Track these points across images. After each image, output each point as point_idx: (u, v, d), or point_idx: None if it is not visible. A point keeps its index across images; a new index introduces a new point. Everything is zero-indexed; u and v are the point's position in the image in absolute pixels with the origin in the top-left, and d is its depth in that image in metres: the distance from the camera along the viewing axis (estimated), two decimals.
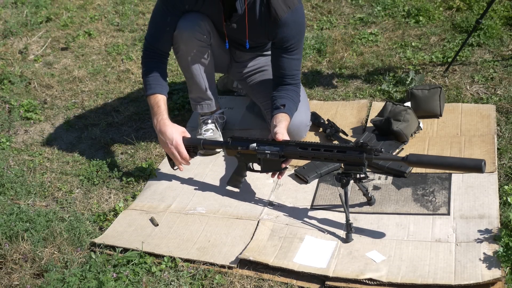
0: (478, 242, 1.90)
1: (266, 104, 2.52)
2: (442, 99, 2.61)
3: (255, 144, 2.20)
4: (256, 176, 2.38)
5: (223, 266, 1.97)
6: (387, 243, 1.97)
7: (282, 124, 2.22)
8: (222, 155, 2.60)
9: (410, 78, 2.86)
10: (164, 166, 2.56)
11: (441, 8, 3.68)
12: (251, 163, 2.27)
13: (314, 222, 2.12)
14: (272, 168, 2.21)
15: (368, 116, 2.73)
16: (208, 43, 2.45)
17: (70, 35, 3.94)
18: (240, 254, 1.99)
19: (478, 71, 2.97)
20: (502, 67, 2.97)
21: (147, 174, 2.53)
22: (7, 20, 4.12)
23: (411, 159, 1.87)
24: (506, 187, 2.12)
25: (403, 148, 2.45)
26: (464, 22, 3.42)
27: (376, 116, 2.57)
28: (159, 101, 2.36)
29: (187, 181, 2.47)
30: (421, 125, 2.54)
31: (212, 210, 2.27)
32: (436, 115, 2.62)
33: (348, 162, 2.00)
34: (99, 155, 2.73)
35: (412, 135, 2.51)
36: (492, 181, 2.16)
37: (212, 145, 2.39)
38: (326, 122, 2.64)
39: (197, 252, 2.04)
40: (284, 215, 2.19)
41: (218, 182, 2.44)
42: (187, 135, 2.36)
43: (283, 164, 2.18)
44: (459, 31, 3.41)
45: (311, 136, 2.63)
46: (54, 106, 3.18)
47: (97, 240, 2.12)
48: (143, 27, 3.99)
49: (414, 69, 3.09)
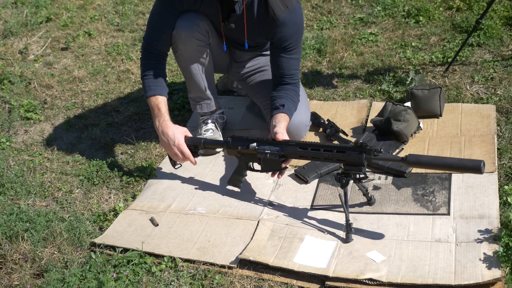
0: (478, 242, 1.89)
1: (266, 104, 2.52)
2: (442, 99, 2.61)
3: (255, 144, 2.20)
4: (256, 176, 2.38)
5: (223, 266, 1.97)
6: (387, 243, 1.97)
7: (281, 124, 2.23)
8: (222, 155, 2.60)
9: (410, 78, 2.86)
10: (165, 166, 2.56)
11: (441, 8, 3.68)
12: (251, 163, 2.28)
13: (314, 222, 2.12)
14: (272, 167, 2.21)
15: (368, 116, 2.73)
16: (206, 42, 2.45)
17: (70, 35, 3.94)
18: (240, 254, 1.99)
19: (478, 71, 2.97)
20: (502, 67, 2.97)
21: (147, 174, 2.53)
22: (7, 20, 4.12)
23: (410, 159, 1.87)
24: (506, 187, 2.12)
25: (403, 148, 2.45)
26: (464, 22, 3.42)
27: (376, 116, 2.57)
28: (160, 103, 2.37)
29: (187, 181, 2.47)
30: (421, 125, 2.54)
31: (212, 210, 2.27)
32: (436, 115, 2.62)
33: (347, 162, 2.00)
34: (99, 155, 2.73)
35: (412, 135, 2.51)
36: (492, 181, 2.16)
37: (213, 144, 2.39)
38: (326, 122, 2.64)
39: (197, 252, 2.04)
40: (284, 215, 2.19)
41: (218, 182, 2.44)
42: (189, 135, 2.36)
43: (283, 164, 2.18)
44: (459, 31, 3.41)
45: (311, 136, 2.63)
46: (54, 106, 3.18)
47: (97, 240, 2.12)
48: (143, 27, 3.99)
49: (414, 69, 3.09)
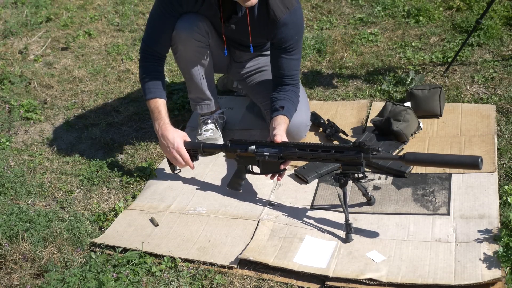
0: (478, 242, 1.89)
1: (266, 104, 2.52)
2: (442, 99, 2.61)
3: (253, 146, 2.21)
4: (256, 176, 2.37)
5: (223, 266, 1.97)
6: (387, 243, 1.97)
7: (281, 127, 2.23)
8: (222, 155, 2.60)
9: (410, 78, 2.86)
10: (164, 166, 2.56)
11: (441, 8, 3.68)
12: (250, 166, 2.28)
13: (314, 222, 2.12)
14: (271, 169, 2.22)
15: (368, 116, 2.73)
16: (206, 43, 2.45)
17: (70, 35, 3.94)
18: (240, 254, 1.99)
19: (478, 71, 2.97)
20: (502, 67, 2.97)
21: (147, 174, 2.53)
22: (7, 20, 4.12)
23: (408, 157, 1.88)
24: (506, 187, 2.12)
25: (403, 148, 2.45)
26: (464, 22, 3.42)
27: (376, 116, 2.57)
28: (160, 105, 2.38)
29: (187, 181, 2.47)
30: (421, 125, 2.54)
31: (212, 210, 2.27)
32: (436, 115, 2.62)
33: (346, 162, 2.01)
34: (99, 155, 2.73)
35: (412, 135, 2.51)
36: (492, 181, 2.16)
37: (212, 148, 2.40)
38: (326, 122, 2.64)
39: (197, 252, 2.04)
40: (284, 215, 2.19)
41: (218, 182, 2.44)
42: (188, 139, 2.38)
43: (282, 166, 2.19)
44: (459, 31, 3.41)
45: (311, 136, 2.63)
46: (54, 106, 3.18)
47: (97, 240, 2.12)
48: (143, 27, 3.99)
49: (414, 69, 3.08)
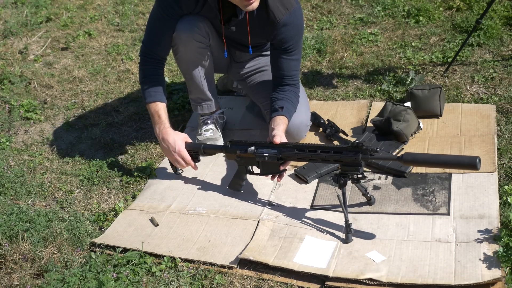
0: (478, 242, 1.89)
1: (266, 104, 2.52)
2: (442, 99, 2.61)
3: (253, 147, 2.23)
4: (256, 176, 2.37)
5: (223, 266, 1.97)
6: (387, 243, 1.97)
7: (280, 127, 2.24)
8: (222, 155, 2.60)
9: (410, 78, 2.85)
10: (165, 166, 2.56)
11: (441, 8, 3.68)
12: (250, 166, 2.29)
13: (314, 222, 2.12)
14: (271, 170, 2.23)
15: (368, 116, 2.73)
16: (207, 44, 2.45)
17: (70, 35, 3.94)
18: (240, 254, 1.99)
19: (478, 71, 2.97)
20: (502, 67, 2.97)
21: (147, 174, 2.53)
22: (7, 20, 4.12)
23: (406, 157, 1.89)
24: (506, 187, 2.12)
25: (403, 148, 2.45)
26: (464, 22, 3.42)
27: (376, 116, 2.57)
28: (160, 109, 2.39)
29: (187, 181, 2.47)
30: (421, 125, 2.54)
31: (212, 210, 2.27)
32: (436, 115, 2.62)
33: (344, 162, 2.01)
34: (99, 155, 2.73)
35: (412, 135, 2.51)
36: (492, 181, 2.16)
37: (212, 149, 2.40)
38: (326, 122, 2.64)
39: (197, 252, 2.04)
40: (284, 215, 2.19)
41: (218, 182, 2.44)
42: (189, 141, 2.39)
43: (282, 167, 2.20)
44: (459, 31, 3.40)
45: (311, 136, 2.63)
46: (54, 106, 3.18)
47: (97, 240, 2.12)
48: (143, 27, 3.99)
49: (414, 69, 3.08)
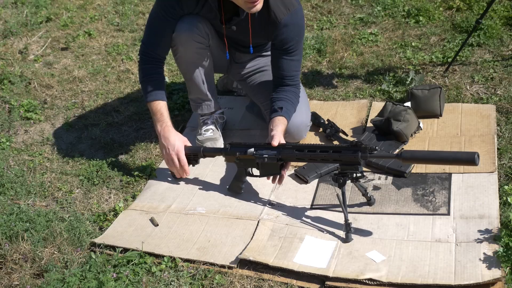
0: (478, 242, 1.90)
1: (266, 104, 2.52)
2: (442, 99, 2.61)
3: (253, 149, 2.23)
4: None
5: (223, 266, 1.97)
6: (387, 243, 1.97)
7: (278, 128, 2.25)
8: None
9: (410, 78, 2.86)
10: (164, 166, 2.56)
11: (441, 8, 3.68)
12: (250, 168, 2.29)
13: (314, 222, 2.12)
14: (270, 172, 2.23)
15: (368, 116, 2.73)
16: (206, 44, 2.45)
17: (70, 35, 3.94)
18: (240, 254, 1.99)
19: (478, 71, 2.97)
20: (502, 67, 2.97)
21: (147, 174, 2.53)
22: (7, 20, 4.12)
23: (405, 155, 1.90)
24: (506, 187, 2.12)
25: (403, 148, 2.45)
26: (464, 22, 3.42)
27: (376, 116, 2.57)
28: (161, 108, 2.40)
29: (188, 181, 2.47)
30: (421, 125, 2.54)
31: (212, 210, 2.27)
32: (436, 115, 2.62)
33: (344, 161, 2.01)
34: (99, 155, 2.73)
35: (412, 135, 2.51)
36: (492, 181, 2.16)
37: (212, 152, 2.40)
38: (326, 122, 2.64)
39: (197, 252, 2.04)
40: (284, 215, 2.19)
41: (218, 182, 2.44)
42: (189, 144, 2.40)
43: (283, 171, 2.22)
44: (459, 31, 3.40)
45: (311, 136, 2.63)
46: (54, 106, 3.18)
47: (97, 240, 2.12)
48: (143, 27, 3.99)
49: (414, 69, 3.08)
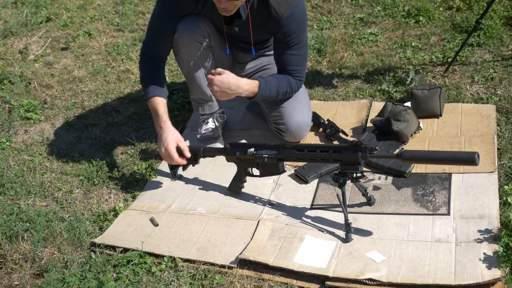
0: (478, 242, 1.90)
1: (267, 103, 2.52)
2: (442, 99, 2.61)
3: (253, 149, 2.23)
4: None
5: (223, 266, 1.97)
6: (387, 243, 1.97)
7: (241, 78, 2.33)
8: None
9: (410, 78, 2.85)
10: (165, 167, 2.56)
11: (441, 8, 3.68)
12: (250, 168, 2.29)
13: (314, 222, 2.13)
14: (270, 172, 2.23)
15: (368, 116, 2.73)
16: (208, 45, 2.45)
17: (70, 35, 3.94)
18: (240, 254, 1.99)
19: (478, 71, 2.97)
20: (502, 67, 2.97)
21: (147, 174, 2.53)
22: (7, 20, 4.12)
23: (405, 155, 1.89)
24: (506, 187, 2.12)
25: (403, 148, 2.44)
26: (464, 22, 3.42)
27: (376, 116, 2.57)
28: (159, 103, 2.39)
29: (188, 181, 2.47)
30: (421, 125, 2.54)
31: (212, 210, 2.27)
32: (436, 115, 2.62)
33: (344, 161, 2.01)
34: (99, 155, 2.73)
35: (412, 135, 2.51)
36: (492, 181, 2.16)
37: (212, 152, 2.40)
38: (326, 122, 2.64)
39: (197, 252, 2.04)
40: (284, 215, 2.19)
41: (218, 182, 2.44)
42: (182, 142, 2.35)
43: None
44: (459, 31, 3.40)
45: (311, 136, 2.63)
46: (54, 106, 3.18)
47: (97, 240, 2.12)
48: (143, 27, 3.99)
49: (414, 69, 3.08)
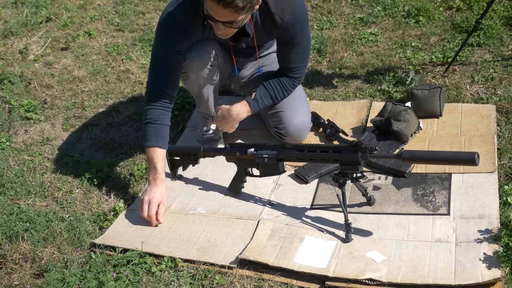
0: (478, 242, 1.90)
1: (265, 108, 2.52)
2: (442, 99, 2.61)
3: (252, 149, 2.23)
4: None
5: (223, 266, 1.97)
6: (387, 243, 1.97)
7: (233, 106, 2.39)
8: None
9: (410, 78, 2.86)
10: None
11: (441, 8, 3.68)
12: (250, 168, 2.29)
13: (314, 222, 2.13)
14: (270, 172, 2.23)
15: (368, 116, 2.73)
16: (216, 65, 2.45)
17: (70, 35, 3.94)
18: (240, 254, 1.99)
19: (478, 71, 2.97)
20: (502, 67, 2.97)
21: (147, 174, 2.52)
22: (7, 20, 4.12)
23: (405, 155, 1.89)
24: (506, 187, 2.12)
25: (403, 148, 2.45)
26: (464, 22, 3.42)
27: (376, 116, 2.57)
28: (159, 156, 2.27)
29: (188, 181, 2.47)
30: (421, 125, 2.54)
31: (212, 210, 2.27)
32: (436, 115, 2.62)
33: (344, 161, 2.02)
34: (99, 155, 2.73)
35: (412, 135, 2.51)
36: (492, 181, 2.16)
37: (212, 152, 2.39)
38: (326, 122, 2.64)
39: (197, 252, 2.04)
40: (284, 215, 2.19)
41: (218, 182, 2.44)
42: (162, 208, 2.22)
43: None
44: (459, 31, 3.40)
45: (311, 136, 2.63)
46: (54, 106, 3.18)
47: (97, 241, 2.12)
48: (143, 27, 3.99)
49: (414, 69, 3.08)
